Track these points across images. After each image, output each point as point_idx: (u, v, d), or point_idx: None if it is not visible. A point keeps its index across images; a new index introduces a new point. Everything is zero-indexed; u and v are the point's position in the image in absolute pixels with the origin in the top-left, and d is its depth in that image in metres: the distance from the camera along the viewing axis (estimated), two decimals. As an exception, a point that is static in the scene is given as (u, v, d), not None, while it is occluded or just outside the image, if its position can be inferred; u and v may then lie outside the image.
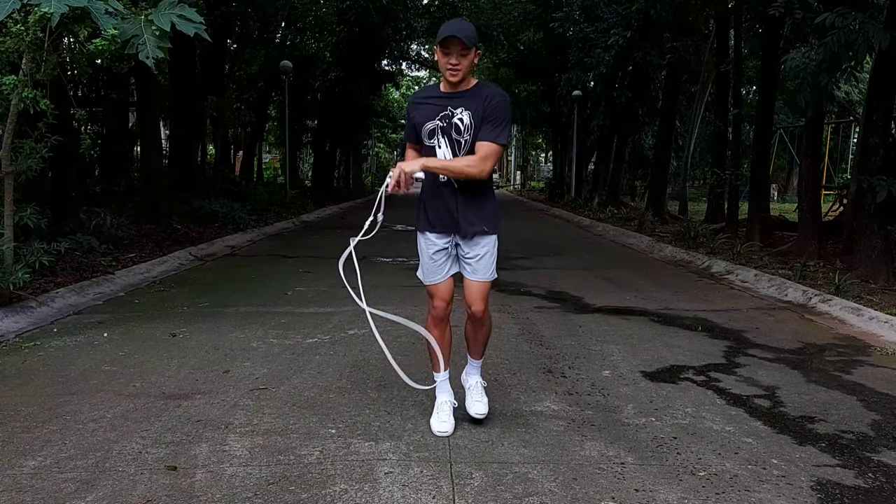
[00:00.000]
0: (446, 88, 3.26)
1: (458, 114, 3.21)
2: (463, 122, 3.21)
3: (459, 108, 3.22)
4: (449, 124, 3.23)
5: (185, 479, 2.83)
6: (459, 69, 3.14)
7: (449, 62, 3.13)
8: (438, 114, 3.24)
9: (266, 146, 31.66)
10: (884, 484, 2.92)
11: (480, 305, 3.37)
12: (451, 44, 3.11)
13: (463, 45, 3.10)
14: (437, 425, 3.39)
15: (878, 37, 6.74)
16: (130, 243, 9.04)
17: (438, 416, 3.44)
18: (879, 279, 7.44)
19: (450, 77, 3.17)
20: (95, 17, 5.17)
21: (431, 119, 3.25)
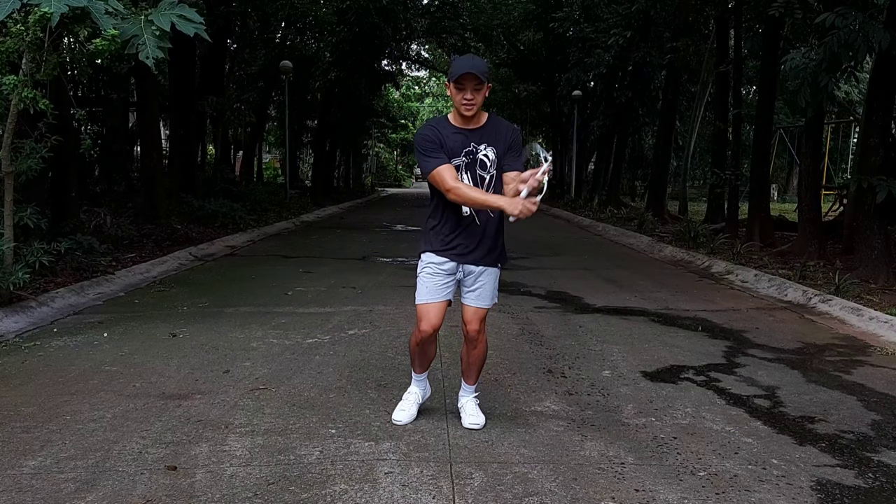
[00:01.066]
0: (460, 123, 3.25)
1: (483, 150, 3.24)
2: (489, 157, 3.24)
3: (483, 143, 3.24)
4: (473, 160, 3.24)
5: (185, 479, 2.83)
6: (474, 104, 3.16)
7: (464, 97, 3.15)
8: (462, 149, 3.23)
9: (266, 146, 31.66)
10: (884, 484, 2.92)
11: (476, 325, 3.39)
12: (466, 79, 3.12)
13: (477, 81, 3.13)
14: (395, 413, 3.50)
15: (878, 37, 6.74)
16: (130, 243, 9.04)
17: (401, 404, 3.54)
18: (879, 279, 7.44)
19: (465, 112, 3.18)
20: (95, 17, 5.17)
21: (457, 156, 3.23)
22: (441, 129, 3.29)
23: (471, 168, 3.24)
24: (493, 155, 3.25)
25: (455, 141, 3.23)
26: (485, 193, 3.17)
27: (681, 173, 19.75)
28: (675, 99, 17.86)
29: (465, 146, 3.23)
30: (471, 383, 3.55)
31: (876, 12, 7.68)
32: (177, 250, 9.07)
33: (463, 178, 3.22)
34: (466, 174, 3.24)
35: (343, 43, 18.88)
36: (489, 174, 3.25)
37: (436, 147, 3.22)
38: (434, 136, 3.24)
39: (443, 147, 3.22)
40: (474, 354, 3.47)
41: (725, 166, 13.44)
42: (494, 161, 3.25)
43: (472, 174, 3.24)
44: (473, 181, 3.23)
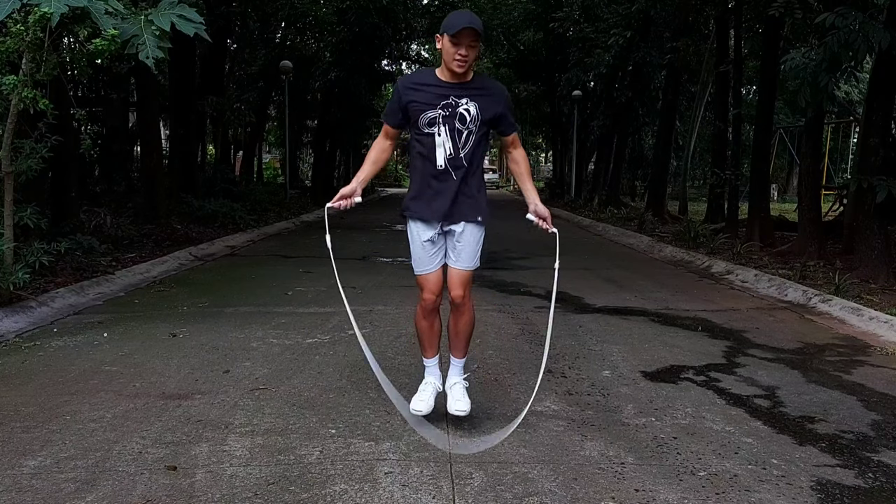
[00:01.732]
0: (447, 77, 3.22)
1: (464, 104, 3.19)
2: (469, 112, 3.20)
3: (464, 98, 3.20)
4: (452, 113, 3.19)
5: (185, 479, 2.83)
6: (468, 60, 3.13)
7: (458, 52, 3.10)
8: (440, 102, 3.19)
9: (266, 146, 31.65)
10: (884, 484, 2.92)
11: (460, 290, 3.33)
12: (464, 34, 3.08)
13: (475, 36, 3.10)
14: (414, 402, 3.40)
15: (878, 37, 6.74)
16: (130, 243, 9.04)
17: (419, 394, 3.46)
18: (879, 279, 7.44)
19: (457, 68, 3.14)
20: (95, 17, 5.17)
21: (432, 107, 3.20)
22: (422, 80, 3.30)
23: (448, 121, 3.20)
24: (474, 110, 3.20)
25: (432, 92, 3.20)
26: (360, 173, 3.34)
27: (681, 173, 19.75)
28: (675, 99, 17.85)
29: (443, 98, 3.19)
30: (459, 356, 3.48)
31: (876, 12, 7.68)
32: (177, 250, 9.07)
33: (440, 129, 3.20)
34: (444, 126, 3.20)
35: (343, 43, 18.88)
36: (467, 129, 3.21)
37: (397, 108, 3.29)
38: (403, 97, 3.26)
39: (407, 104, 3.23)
40: (461, 323, 3.41)
41: (725, 166, 13.44)
42: (476, 116, 3.20)
43: (450, 127, 3.20)
44: (451, 135, 3.20)
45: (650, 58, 16.89)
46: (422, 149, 3.27)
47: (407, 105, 3.25)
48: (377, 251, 10.13)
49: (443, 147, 3.22)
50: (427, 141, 3.24)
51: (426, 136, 3.24)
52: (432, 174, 3.26)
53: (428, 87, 3.24)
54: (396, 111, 3.31)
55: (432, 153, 3.23)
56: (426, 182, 3.29)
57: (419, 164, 3.30)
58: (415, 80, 3.39)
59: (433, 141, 3.23)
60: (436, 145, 3.22)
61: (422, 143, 3.27)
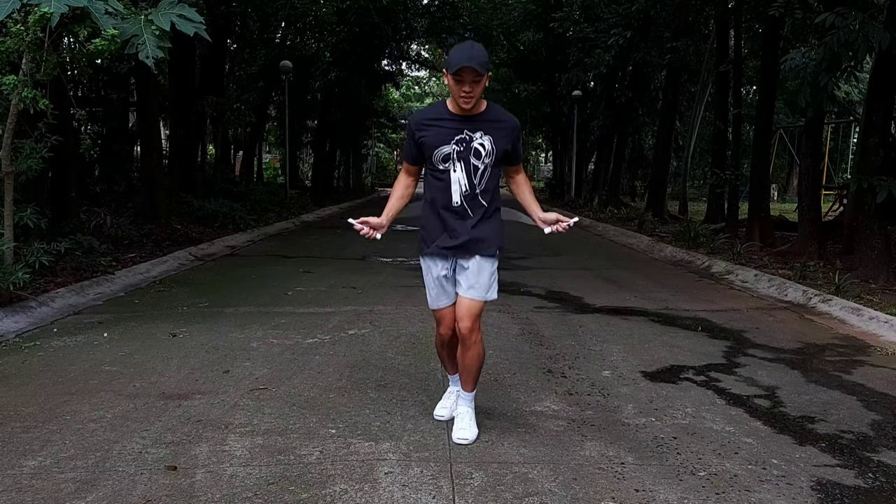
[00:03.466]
0: (458, 111, 3.18)
1: (478, 138, 3.16)
2: (484, 147, 3.16)
3: (478, 132, 3.16)
4: (467, 149, 3.16)
5: (185, 479, 2.83)
6: (472, 96, 3.09)
7: (462, 90, 3.06)
8: (454, 137, 3.16)
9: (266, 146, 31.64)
10: (884, 484, 2.92)
11: (468, 322, 3.20)
12: (464, 72, 3.04)
13: (476, 73, 3.05)
14: (437, 409, 3.54)
15: (878, 37, 6.74)
16: (130, 243, 9.04)
17: (442, 401, 3.56)
18: (879, 279, 7.44)
19: (463, 105, 3.10)
20: (95, 17, 5.17)
21: (447, 143, 3.16)
22: (434, 115, 3.26)
23: (464, 156, 3.17)
24: (489, 144, 3.17)
25: (446, 128, 3.17)
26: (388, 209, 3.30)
27: (681, 173, 19.75)
28: (675, 99, 17.85)
29: (457, 133, 3.16)
30: (467, 389, 3.36)
31: (876, 12, 7.68)
32: (177, 250, 9.07)
33: (455, 166, 3.17)
34: (459, 163, 3.17)
35: (343, 43, 18.89)
36: (483, 164, 3.18)
37: (413, 145, 3.26)
38: (417, 134, 3.22)
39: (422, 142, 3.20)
40: (468, 357, 3.26)
41: (725, 166, 13.44)
42: (491, 151, 3.17)
43: (466, 163, 3.17)
44: (467, 170, 3.17)
45: (650, 58, 16.89)
46: (437, 185, 3.22)
47: (420, 141, 3.21)
48: (377, 251, 10.12)
49: (458, 183, 3.18)
50: (442, 177, 3.20)
51: (441, 173, 3.20)
52: (448, 210, 3.21)
53: (440, 123, 3.19)
54: (412, 148, 3.28)
55: (448, 190, 3.19)
56: (441, 218, 3.23)
57: (434, 199, 3.24)
58: (427, 116, 3.30)
59: (448, 177, 3.18)
60: (451, 182, 3.18)
61: (437, 178, 3.22)
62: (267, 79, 19.56)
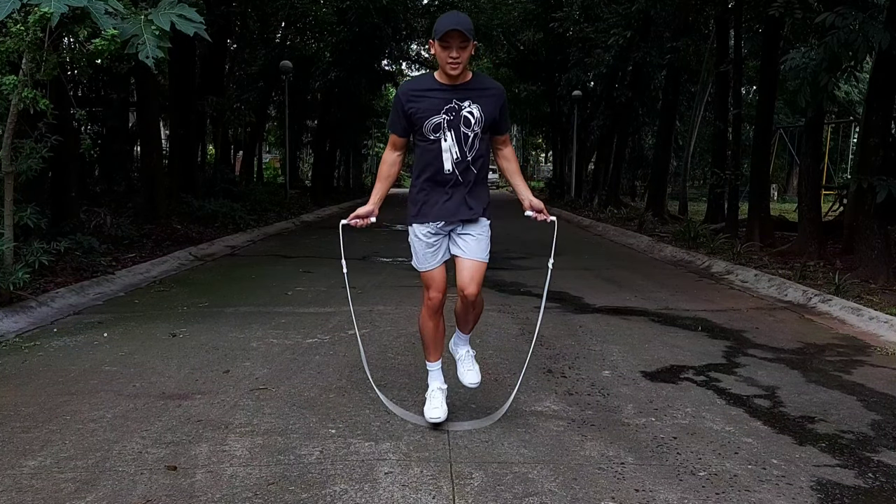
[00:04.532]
0: (446, 80, 3.22)
1: (467, 107, 3.20)
2: (473, 115, 3.21)
3: (467, 101, 3.20)
4: (456, 117, 3.20)
5: (185, 479, 2.83)
6: (460, 62, 3.13)
7: (450, 55, 3.11)
8: (443, 107, 3.20)
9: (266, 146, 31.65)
10: (884, 484, 2.92)
11: (473, 288, 3.29)
12: (451, 37, 3.09)
13: (463, 38, 3.10)
14: (429, 412, 3.40)
15: (878, 37, 6.74)
16: (130, 243, 9.04)
17: (430, 402, 3.45)
18: (879, 279, 7.44)
19: (450, 70, 3.15)
20: (95, 17, 5.17)
21: (437, 113, 3.20)
22: (422, 86, 3.29)
23: (454, 125, 3.20)
24: (478, 112, 3.21)
25: (434, 97, 3.20)
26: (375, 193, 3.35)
27: (681, 173, 19.75)
28: (675, 99, 17.85)
29: (446, 103, 3.19)
30: (466, 332, 3.57)
31: (876, 12, 7.67)
32: (177, 250, 9.07)
33: (446, 135, 3.20)
34: (450, 132, 3.20)
35: (343, 43, 18.88)
36: (473, 132, 3.22)
37: (401, 117, 3.27)
38: (406, 105, 3.23)
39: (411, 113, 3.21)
40: (472, 314, 3.48)
41: (725, 166, 13.44)
42: (480, 118, 3.21)
43: (456, 131, 3.20)
44: (457, 139, 3.21)
45: (650, 58, 16.89)
46: (428, 154, 3.26)
47: (410, 112, 3.23)
48: (377, 251, 10.13)
49: (449, 152, 3.22)
50: (433, 147, 3.24)
51: (432, 143, 3.24)
52: (440, 180, 3.26)
53: (429, 93, 3.23)
54: (400, 119, 3.30)
55: (439, 159, 3.24)
56: (433, 188, 3.28)
57: (425, 170, 3.29)
58: (415, 86, 3.36)
59: (439, 147, 3.23)
60: (442, 150, 3.22)
61: (427, 149, 3.26)
62: (267, 79, 19.56)
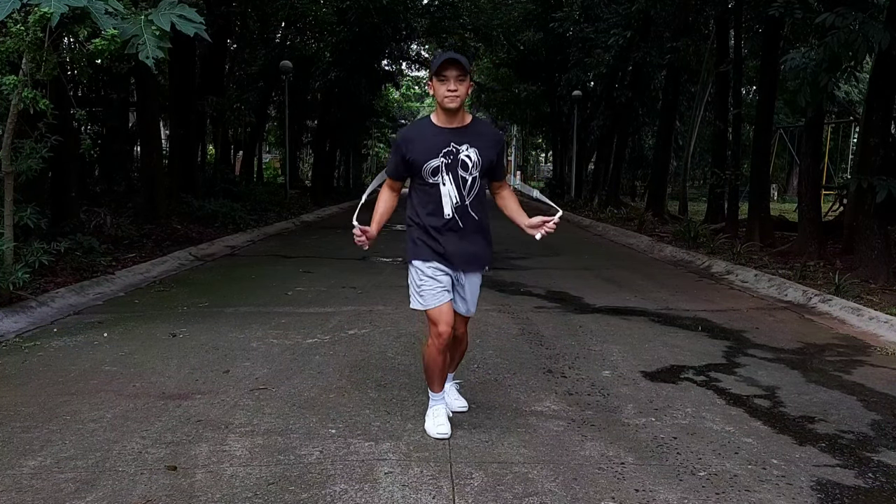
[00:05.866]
0: (443, 122, 3.22)
1: (465, 150, 3.20)
2: (471, 159, 3.20)
3: (464, 144, 3.20)
4: (454, 161, 3.19)
5: (185, 479, 2.83)
6: (458, 95, 3.12)
7: (448, 88, 3.10)
8: (441, 150, 3.18)
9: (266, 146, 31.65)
10: (884, 484, 2.92)
11: (463, 328, 3.50)
12: (449, 69, 3.10)
13: (461, 71, 3.11)
14: (436, 428, 3.31)
15: (878, 37, 6.74)
16: (130, 243, 9.04)
17: (436, 419, 3.36)
18: (879, 279, 7.44)
19: (448, 104, 3.13)
20: (95, 17, 5.17)
21: (434, 156, 3.18)
22: (420, 131, 3.29)
23: (452, 169, 3.19)
24: (475, 156, 3.20)
25: (434, 141, 3.20)
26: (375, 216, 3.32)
27: (681, 173, 19.74)
28: (675, 99, 17.84)
29: (444, 146, 3.18)
30: (451, 370, 3.64)
31: (876, 12, 7.67)
32: (177, 250, 9.07)
33: (444, 179, 3.19)
34: (448, 175, 3.19)
35: (343, 43, 18.88)
36: (471, 176, 3.21)
37: (399, 161, 3.27)
38: (403, 150, 3.24)
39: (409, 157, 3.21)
40: (459, 350, 3.58)
41: (725, 166, 13.44)
42: (478, 162, 3.21)
43: (454, 175, 3.19)
44: (455, 183, 3.20)
45: (650, 58, 16.88)
46: (426, 199, 3.24)
47: (409, 158, 3.23)
48: (377, 251, 10.12)
49: (448, 196, 3.21)
50: (432, 191, 3.22)
51: (430, 187, 3.22)
52: (439, 225, 3.23)
53: (427, 137, 3.23)
54: (399, 164, 3.29)
55: (439, 203, 3.22)
56: (432, 233, 3.24)
57: (424, 214, 3.25)
58: (413, 132, 3.36)
59: (438, 191, 3.21)
60: (441, 195, 3.21)
61: (426, 193, 3.24)
62: (267, 79, 19.56)
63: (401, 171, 3.32)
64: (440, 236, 3.24)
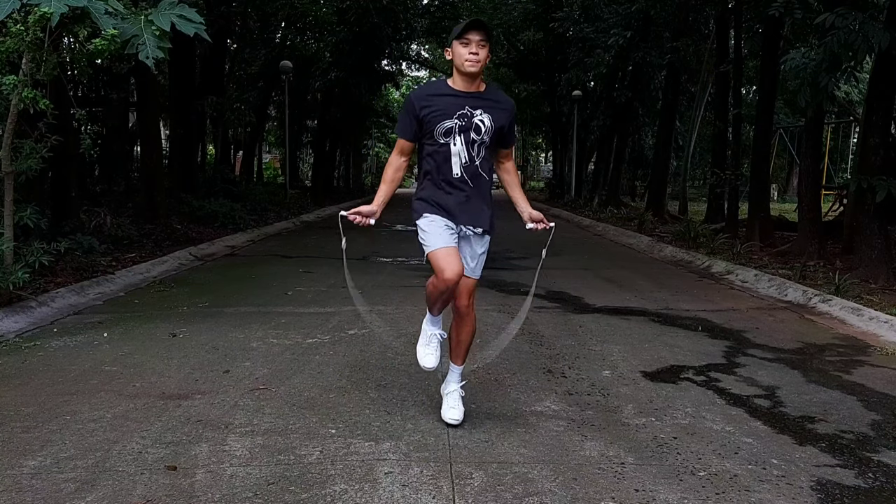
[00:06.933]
0: (461, 86, 3.25)
1: (479, 115, 3.23)
2: (484, 123, 3.24)
3: (479, 109, 3.24)
4: (468, 124, 3.22)
5: (185, 479, 2.83)
6: (479, 60, 3.16)
7: (469, 51, 3.14)
8: (456, 111, 3.22)
9: (266, 146, 31.66)
10: (884, 484, 2.92)
11: (466, 300, 3.34)
12: (472, 32, 3.14)
13: (483, 35, 3.15)
14: (423, 360, 3.39)
15: (878, 37, 6.74)
16: (130, 243, 9.03)
17: (425, 348, 3.41)
18: (879, 279, 7.44)
19: (469, 68, 3.17)
20: (95, 17, 5.17)
21: (449, 117, 3.22)
22: (436, 91, 3.32)
23: (464, 131, 3.22)
24: (488, 122, 3.24)
25: (448, 102, 3.23)
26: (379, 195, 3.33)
27: (681, 173, 19.74)
28: (675, 99, 17.85)
29: (459, 108, 3.22)
30: (459, 363, 3.48)
31: (876, 12, 7.67)
32: (177, 250, 9.07)
33: (456, 140, 3.22)
34: (460, 136, 3.22)
35: (343, 43, 18.88)
36: (481, 139, 3.25)
37: (412, 120, 3.27)
38: (417, 109, 3.24)
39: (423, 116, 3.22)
40: (465, 332, 3.42)
41: (725, 166, 13.44)
42: (490, 127, 3.25)
43: (466, 137, 3.23)
44: (466, 144, 3.23)
45: (650, 58, 16.89)
46: (436, 158, 3.27)
47: (423, 116, 3.24)
48: (377, 251, 10.12)
49: (458, 156, 3.24)
50: (442, 150, 3.25)
51: (441, 146, 3.25)
52: (448, 181, 3.27)
53: (443, 98, 3.25)
54: (411, 123, 3.29)
55: (447, 162, 3.26)
56: (441, 188, 3.28)
57: (432, 173, 3.30)
58: (429, 91, 3.38)
59: (448, 150, 3.24)
60: (451, 154, 3.24)
61: (436, 152, 3.27)
62: (267, 79, 19.57)
63: (413, 131, 3.30)
64: (447, 194, 3.27)
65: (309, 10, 15.30)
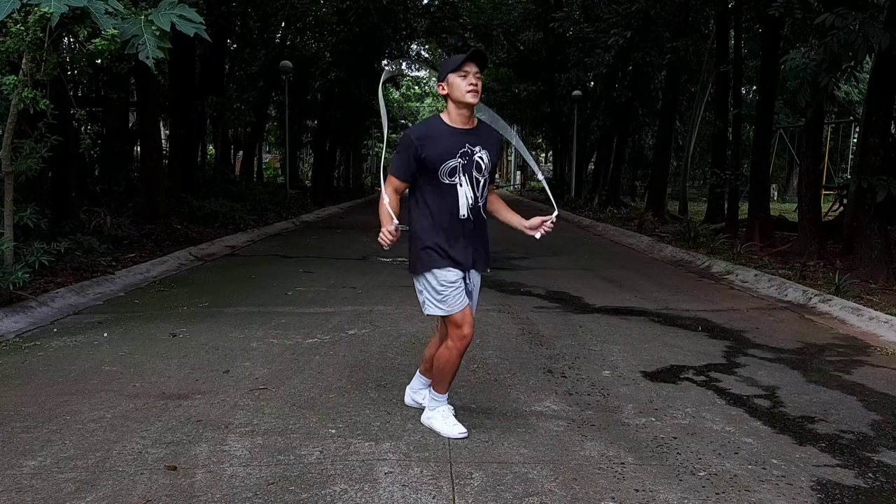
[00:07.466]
0: (458, 123, 3.20)
1: (478, 152, 3.21)
2: (483, 160, 3.22)
3: (477, 146, 3.21)
4: (470, 162, 3.19)
5: (185, 479, 2.83)
6: (479, 90, 3.13)
7: (469, 83, 3.10)
8: (458, 150, 3.17)
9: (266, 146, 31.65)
10: (884, 484, 2.92)
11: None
12: (470, 64, 3.10)
13: (481, 66, 3.14)
14: (454, 428, 3.30)
15: (878, 37, 6.74)
16: (130, 243, 9.04)
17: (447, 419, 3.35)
18: (879, 279, 7.44)
19: (471, 99, 3.12)
20: (95, 17, 5.17)
21: (452, 157, 3.16)
22: (433, 130, 3.22)
23: (468, 170, 3.18)
24: (486, 158, 3.23)
25: (450, 141, 3.18)
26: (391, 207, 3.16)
27: (681, 173, 19.75)
28: (675, 99, 17.85)
29: (460, 147, 3.18)
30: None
31: (876, 12, 7.67)
32: (177, 250, 9.08)
33: (461, 179, 3.18)
34: (464, 176, 3.18)
35: (343, 43, 18.89)
36: (483, 177, 3.24)
37: (410, 161, 3.17)
38: (419, 149, 3.14)
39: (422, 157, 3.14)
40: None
41: (725, 166, 13.44)
42: (488, 164, 3.25)
43: (469, 176, 3.19)
44: (470, 183, 3.19)
45: (650, 58, 16.90)
46: (445, 199, 3.19)
47: (424, 156, 3.15)
48: (377, 251, 10.11)
49: (465, 197, 3.20)
50: (449, 191, 3.19)
51: (447, 186, 3.18)
52: (453, 224, 3.21)
53: (442, 137, 3.19)
54: (409, 164, 3.18)
55: (455, 203, 3.19)
56: (448, 232, 3.21)
57: (440, 215, 3.21)
58: (426, 131, 3.25)
59: (455, 191, 3.19)
60: (458, 196, 3.19)
61: (443, 193, 3.19)
62: (267, 79, 19.57)
63: (411, 171, 3.21)
64: (454, 239, 3.21)
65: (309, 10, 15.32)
